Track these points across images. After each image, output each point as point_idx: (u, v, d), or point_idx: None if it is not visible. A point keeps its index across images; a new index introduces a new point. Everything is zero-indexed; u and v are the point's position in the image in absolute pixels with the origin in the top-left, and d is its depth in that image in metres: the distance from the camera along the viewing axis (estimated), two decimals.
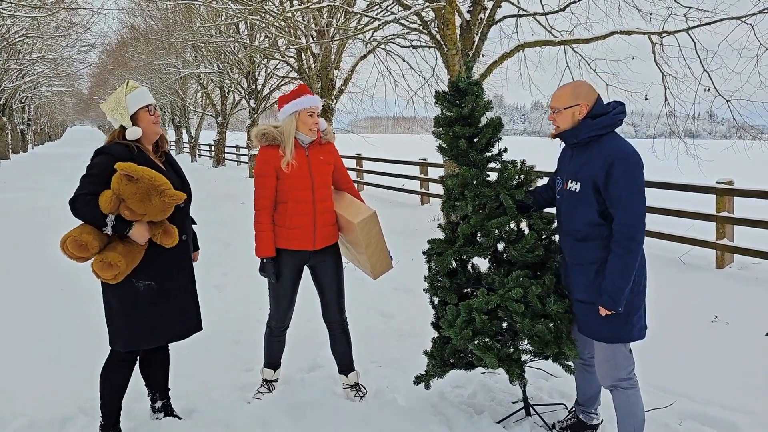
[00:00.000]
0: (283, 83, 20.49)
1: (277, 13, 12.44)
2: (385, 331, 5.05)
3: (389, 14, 11.42)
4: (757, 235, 7.23)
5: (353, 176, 16.29)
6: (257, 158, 3.56)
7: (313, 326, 4.59)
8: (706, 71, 9.23)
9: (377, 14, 11.59)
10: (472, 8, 9.35)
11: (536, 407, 3.54)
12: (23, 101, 37.97)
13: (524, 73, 11.60)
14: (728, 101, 9.35)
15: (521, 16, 10.51)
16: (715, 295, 5.90)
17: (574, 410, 3.39)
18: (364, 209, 3.58)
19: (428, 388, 3.51)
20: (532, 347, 3.18)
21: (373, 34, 13.02)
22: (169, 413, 3.48)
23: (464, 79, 3.35)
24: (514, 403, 3.63)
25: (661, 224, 7.72)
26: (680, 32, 9.11)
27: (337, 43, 13.58)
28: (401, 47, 13.44)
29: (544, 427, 3.38)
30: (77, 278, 6.33)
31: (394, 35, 13.06)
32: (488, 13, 9.58)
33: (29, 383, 4.01)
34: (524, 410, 3.49)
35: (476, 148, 3.32)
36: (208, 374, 4.14)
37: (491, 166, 3.37)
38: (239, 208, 12.32)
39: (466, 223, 3.28)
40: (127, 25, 29.26)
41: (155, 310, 3.09)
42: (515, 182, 3.29)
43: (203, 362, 4.33)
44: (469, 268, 3.49)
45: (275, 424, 3.41)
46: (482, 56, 10.09)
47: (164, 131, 3.28)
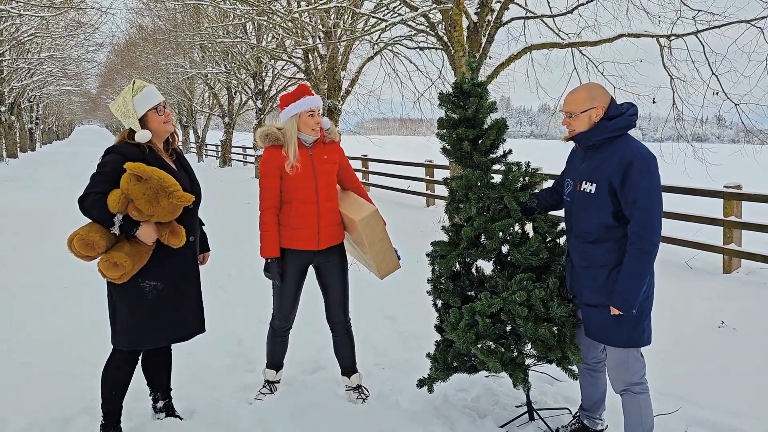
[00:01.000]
0: (290, 84, 20.52)
1: (284, 13, 12.46)
2: (388, 333, 5.03)
3: (396, 16, 11.42)
4: (764, 239, 7.17)
5: (359, 177, 16.27)
6: (261, 159, 3.58)
7: (316, 327, 4.57)
8: (714, 75, 9.17)
9: (384, 15, 11.60)
10: (479, 10, 9.33)
11: (540, 412, 3.51)
12: (31, 100, 38.16)
13: (531, 75, 11.55)
14: (737, 105, 9.29)
15: (529, 18, 10.47)
16: (722, 300, 5.85)
17: (578, 415, 3.36)
18: (366, 207, 3.57)
19: (431, 391, 3.49)
20: (535, 351, 3.16)
21: (380, 35, 13.03)
22: (170, 413, 3.47)
23: (468, 80, 3.32)
24: (517, 407, 3.60)
25: (668, 228, 7.62)
26: (689, 35, 9.06)
27: (344, 44, 13.59)
28: (408, 49, 13.43)
29: (547, 431, 3.35)
30: (81, 277, 6.34)
31: (401, 37, 13.06)
32: (496, 14, 9.55)
33: (30, 382, 4.00)
34: (528, 415, 3.46)
35: (480, 150, 3.29)
36: (209, 374, 4.12)
37: (496, 168, 3.35)
38: (245, 208, 12.33)
39: (469, 225, 3.25)
40: (135, 25, 29.42)
41: (159, 310, 3.08)
42: (519, 184, 3.26)
43: (205, 362, 4.32)
44: (472, 270, 3.47)
45: (277, 425, 3.39)
46: (489, 58, 10.07)
47: (175, 127, 3.25)
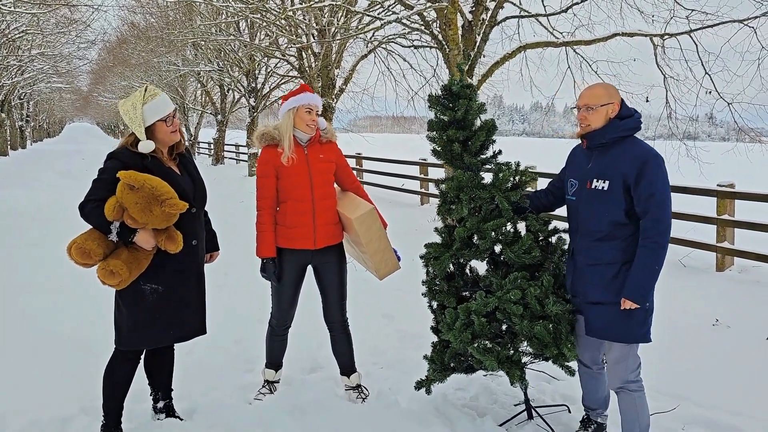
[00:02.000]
0: (283, 82, 20.47)
1: (278, 11, 12.43)
2: (387, 332, 5.04)
3: (391, 14, 11.41)
4: (757, 238, 7.22)
5: None
6: (258, 160, 3.59)
7: (314, 327, 4.58)
8: (707, 74, 9.23)
9: (379, 14, 11.59)
10: (474, 9, 9.35)
11: (538, 409, 3.53)
12: (22, 97, 37.86)
13: (525, 74, 11.62)
14: (729, 104, 9.36)
15: (523, 17, 10.51)
16: (715, 298, 5.90)
17: (587, 415, 3.35)
18: (363, 205, 3.57)
19: (429, 393, 3.50)
20: (531, 349, 3.18)
21: (374, 33, 13.02)
22: (170, 414, 3.47)
23: (457, 82, 3.34)
24: (516, 405, 3.63)
25: None
26: (682, 35, 9.13)
27: (338, 42, 13.56)
28: (402, 47, 13.44)
29: (546, 429, 3.37)
30: (80, 277, 6.30)
31: (395, 35, 13.05)
32: (490, 13, 9.58)
33: (31, 382, 3.99)
34: (526, 413, 3.49)
35: (470, 151, 3.32)
36: (209, 375, 4.13)
37: (486, 167, 3.37)
38: (239, 206, 12.29)
39: (462, 226, 3.27)
40: (127, 22, 29.19)
41: (159, 312, 3.09)
42: (510, 184, 3.29)
43: (204, 362, 4.32)
44: (466, 271, 3.49)
45: (276, 425, 3.40)
46: (483, 57, 10.09)
47: (182, 134, 3.21)
